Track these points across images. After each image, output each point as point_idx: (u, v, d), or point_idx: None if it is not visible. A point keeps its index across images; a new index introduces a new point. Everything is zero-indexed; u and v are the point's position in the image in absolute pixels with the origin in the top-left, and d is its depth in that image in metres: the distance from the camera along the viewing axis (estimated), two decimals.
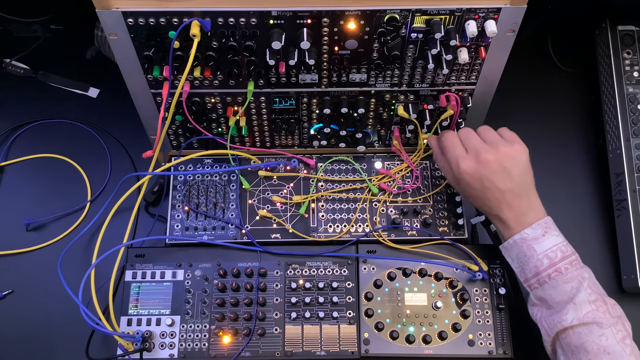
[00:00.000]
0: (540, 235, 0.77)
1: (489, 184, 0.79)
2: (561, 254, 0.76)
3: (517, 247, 0.78)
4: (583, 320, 0.73)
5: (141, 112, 0.90)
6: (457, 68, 0.84)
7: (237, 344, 0.85)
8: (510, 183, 0.78)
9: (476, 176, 0.80)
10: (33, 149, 1.04)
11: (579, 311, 0.74)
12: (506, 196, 0.79)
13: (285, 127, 0.94)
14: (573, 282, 0.75)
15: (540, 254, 0.76)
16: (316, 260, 0.90)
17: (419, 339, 0.86)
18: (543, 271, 0.76)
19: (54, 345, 0.91)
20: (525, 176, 0.80)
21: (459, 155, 0.81)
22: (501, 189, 0.78)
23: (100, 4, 0.72)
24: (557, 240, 0.77)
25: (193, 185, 0.95)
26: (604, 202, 1.00)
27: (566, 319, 0.74)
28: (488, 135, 0.82)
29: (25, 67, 1.11)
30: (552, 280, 0.76)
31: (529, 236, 0.77)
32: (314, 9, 0.73)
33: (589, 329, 0.73)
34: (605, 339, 0.72)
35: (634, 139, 0.95)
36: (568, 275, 0.75)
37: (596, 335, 0.72)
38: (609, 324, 0.73)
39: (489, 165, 0.79)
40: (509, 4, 0.74)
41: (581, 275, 0.76)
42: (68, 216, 0.99)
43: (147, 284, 0.89)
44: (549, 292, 0.76)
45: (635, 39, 1.00)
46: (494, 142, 0.80)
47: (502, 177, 0.78)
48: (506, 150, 0.79)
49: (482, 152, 0.79)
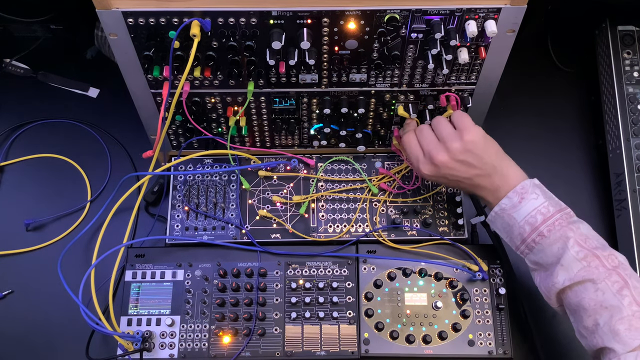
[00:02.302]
0: (517, 203, 0.77)
1: (453, 177, 0.81)
2: (542, 216, 0.75)
3: (500, 219, 0.79)
4: (575, 279, 0.72)
5: (141, 112, 0.90)
6: (457, 68, 0.84)
7: (237, 344, 0.85)
8: (473, 170, 0.79)
9: (438, 176, 0.82)
10: (33, 149, 1.04)
11: (569, 271, 0.73)
12: (474, 180, 0.80)
13: (285, 127, 0.94)
14: (558, 243, 0.74)
15: (521, 221, 0.76)
16: (316, 260, 0.90)
17: (419, 339, 0.86)
18: (527, 237, 0.76)
19: (54, 345, 0.91)
20: (486, 157, 0.79)
21: (418, 159, 0.83)
22: (467, 177, 0.80)
23: (100, 4, 0.72)
24: (535, 204, 0.76)
25: (193, 185, 0.95)
26: (604, 202, 1.00)
27: (558, 281, 0.74)
28: (440, 131, 0.82)
29: (25, 67, 1.11)
30: (537, 244, 0.76)
31: (507, 206, 0.77)
32: (314, 9, 0.73)
33: (583, 286, 0.72)
34: (602, 294, 0.70)
35: (634, 139, 0.95)
36: (551, 237, 0.75)
37: (591, 291, 0.71)
38: (602, 277, 0.71)
39: (445, 164, 0.80)
40: (509, 4, 0.74)
41: (565, 234, 0.74)
42: (68, 216, 0.99)
43: (147, 284, 0.89)
44: (540, 255, 0.76)
45: (635, 39, 1.00)
46: (445, 139, 0.80)
47: (463, 169, 0.79)
48: (457, 145, 0.79)
49: (435, 155, 0.80)
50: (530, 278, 0.81)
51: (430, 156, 0.81)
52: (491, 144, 0.80)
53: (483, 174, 0.79)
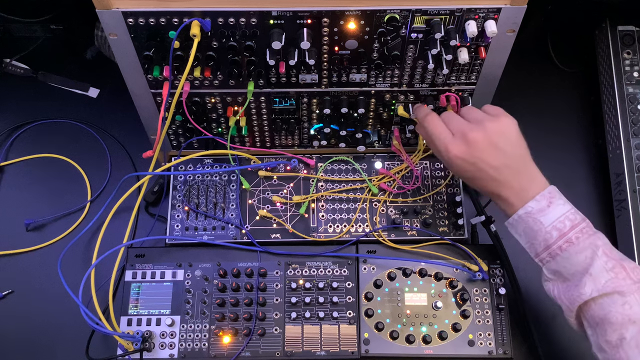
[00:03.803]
0: (545, 207, 0.73)
1: (482, 164, 0.75)
2: (570, 222, 0.72)
3: (523, 222, 0.74)
4: (603, 290, 0.69)
5: (141, 112, 0.90)
6: (457, 68, 0.84)
7: (237, 344, 0.85)
8: (504, 159, 0.75)
9: (468, 158, 0.76)
10: (33, 149, 1.04)
11: (597, 282, 0.69)
12: (503, 173, 0.75)
13: (285, 127, 0.94)
14: (586, 252, 0.71)
15: (548, 226, 0.72)
16: (316, 260, 0.90)
17: (419, 339, 0.86)
18: (553, 243, 0.72)
19: (54, 345, 0.91)
20: (518, 149, 0.76)
21: (447, 141, 0.77)
22: (496, 166, 0.75)
23: (100, 4, 0.72)
24: (563, 210, 0.73)
25: (193, 185, 0.95)
26: (604, 202, 1.00)
27: (585, 292, 0.70)
28: (472, 114, 0.79)
29: (25, 67, 1.11)
30: (564, 252, 0.72)
31: (533, 209, 0.73)
32: (314, 9, 0.73)
33: (611, 299, 0.68)
34: (629, 307, 0.67)
35: (634, 139, 0.95)
36: (580, 244, 0.71)
37: (619, 304, 0.68)
38: (631, 290, 0.68)
39: (478, 144, 0.75)
40: (509, 4, 0.74)
41: (594, 243, 0.71)
42: (68, 216, 0.99)
43: (147, 284, 0.89)
44: (563, 264, 0.72)
45: (635, 39, 1.00)
46: (479, 120, 0.77)
47: (494, 155, 0.75)
48: (493, 125, 0.76)
49: (469, 132, 0.76)
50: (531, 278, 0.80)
51: (464, 134, 0.76)
52: (523, 140, 0.77)
53: (512, 166, 0.75)
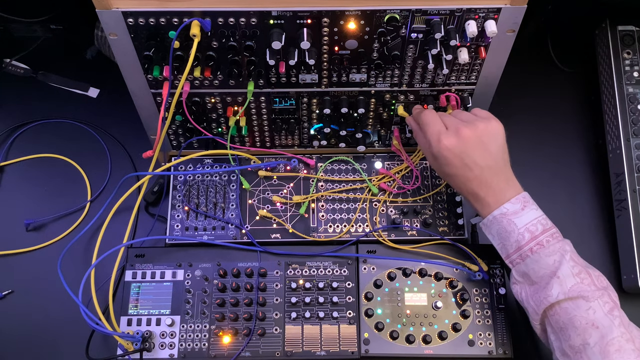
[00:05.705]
0: (519, 210, 0.76)
1: (468, 160, 0.78)
2: (542, 227, 0.76)
3: (497, 223, 0.78)
4: (569, 294, 0.72)
5: (141, 112, 0.90)
6: (457, 68, 0.84)
7: (237, 344, 0.85)
8: (489, 159, 0.78)
9: (457, 152, 0.79)
10: (33, 149, 1.04)
11: (563, 285, 0.73)
12: (485, 173, 0.78)
13: (285, 127, 0.94)
14: (555, 255, 0.74)
15: (521, 228, 0.76)
16: (316, 260, 0.90)
17: (419, 339, 0.86)
18: (525, 245, 0.76)
19: (54, 345, 0.91)
20: (502, 153, 0.79)
21: (440, 131, 0.80)
22: (480, 165, 0.78)
23: (100, 4, 0.72)
24: (536, 214, 0.77)
25: (193, 185, 0.95)
26: (604, 202, 1.00)
27: (552, 294, 0.73)
28: (463, 115, 0.82)
29: (25, 67, 1.11)
30: (534, 254, 0.75)
31: (508, 211, 0.77)
32: (314, 9, 0.73)
33: (575, 303, 0.72)
34: (593, 312, 0.70)
35: (634, 139, 0.95)
36: (550, 248, 0.75)
37: (583, 309, 0.71)
38: (595, 296, 0.71)
39: (468, 140, 0.78)
40: (509, 4, 0.74)
41: (563, 247, 0.75)
42: (68, 216, 0.99)
43: (147, 284, 0.89)
44: (532, 266, 0.76)
45: (635, 39, 1.00)
46: (471, 120, 0.80)
47: (481, 153, 0.78)
48: (484, 126, 0.79)
49: (462, 128, 0.78)
50: None
51: (457, 128, 0.79)
52: (506, 147, 0.80)
53: (494, 168, 0.78)
